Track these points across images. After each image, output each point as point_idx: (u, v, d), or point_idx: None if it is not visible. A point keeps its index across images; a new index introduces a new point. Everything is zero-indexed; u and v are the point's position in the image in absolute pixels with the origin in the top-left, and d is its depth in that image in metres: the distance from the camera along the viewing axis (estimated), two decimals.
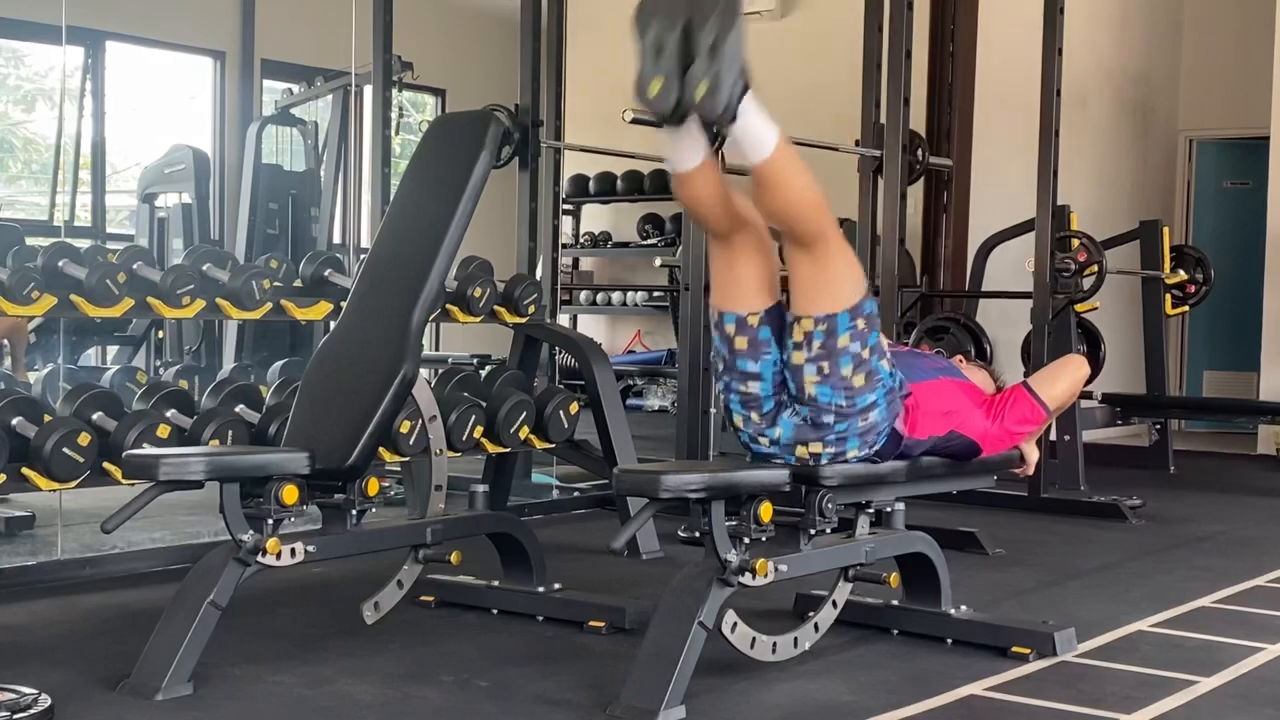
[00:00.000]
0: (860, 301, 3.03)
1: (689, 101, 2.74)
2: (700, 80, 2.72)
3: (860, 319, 3.02)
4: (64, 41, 6.33)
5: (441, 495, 3.75)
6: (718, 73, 2.71)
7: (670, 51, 2.75)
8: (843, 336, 3.02)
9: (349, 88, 8.03)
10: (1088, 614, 3.91)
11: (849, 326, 3.02)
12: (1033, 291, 5.92)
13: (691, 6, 2.74)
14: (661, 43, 2.76)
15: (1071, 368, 3.67)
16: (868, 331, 3.04)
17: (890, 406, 3.15)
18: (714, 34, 2.71)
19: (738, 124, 2.82)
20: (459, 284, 4.78)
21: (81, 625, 3.68)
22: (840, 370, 3.04)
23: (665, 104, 2.76)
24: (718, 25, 2.71)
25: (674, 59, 2.75)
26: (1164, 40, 10.15)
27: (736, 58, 2.73)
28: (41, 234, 7.00)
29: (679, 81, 2.74)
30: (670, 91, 2.75)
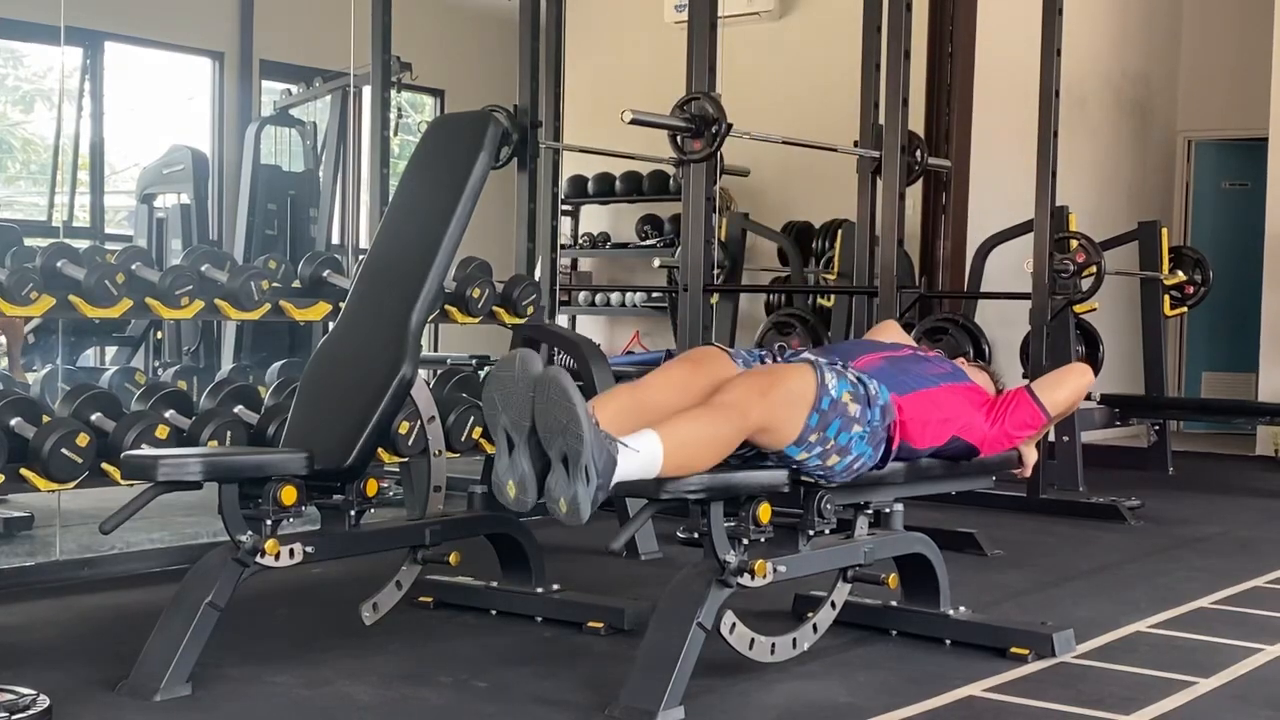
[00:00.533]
0: (803, 429, 3.01)
1: (552, 509, 2.72)
2: (559, 499, 2.70)
3: (811, 435, 3.03)
4: (63, 42, 6.31)
5: (440, 496, 3.75)
6: (575, 493, 2.67)
7: (521, 452, 2.74)
8: (799, 455, 3.06)
9: (348, 88, 8.03)
10: (1086, 615, 3.91)
11: (799, 449, 3.05)
12: (1031, 292, 5.92)
13: (536, 412, 2.70)
14: (512, 440, 2.75)
15: (1075, 375, 3.67)
16: (823, 430, 3.04)
17: (876, 444, 3.17)
18: (563, 449, 2.67)
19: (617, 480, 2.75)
20: (458, 285, 4.78)
21: (80, 626, 3.68)
22: (809, 466, 3.10)
23: (525, 506, 2.77)
24: (564, 439, 2.66)
25: (526, 461, 2.74)
26: (1163, 41, 10.15)
27: (594, 467, 2.66)
28: (40, 234, 6.99)
29: (536, 486, 2.73)
30: (528, 495, 2.74)
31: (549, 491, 2.72)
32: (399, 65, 6.55)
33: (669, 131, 5.24)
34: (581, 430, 2.65)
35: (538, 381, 2.72)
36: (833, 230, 8.40)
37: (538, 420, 2.71)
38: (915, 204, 8.09)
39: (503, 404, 2.76)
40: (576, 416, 2.65)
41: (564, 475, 2.69)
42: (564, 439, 2.67)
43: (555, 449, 2.69)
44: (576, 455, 2.66)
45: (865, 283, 6.16)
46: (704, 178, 5.58)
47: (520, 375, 2.74)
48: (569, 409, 2.66)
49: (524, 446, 2.74)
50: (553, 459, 2.70)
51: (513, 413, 2.75)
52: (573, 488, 2.68)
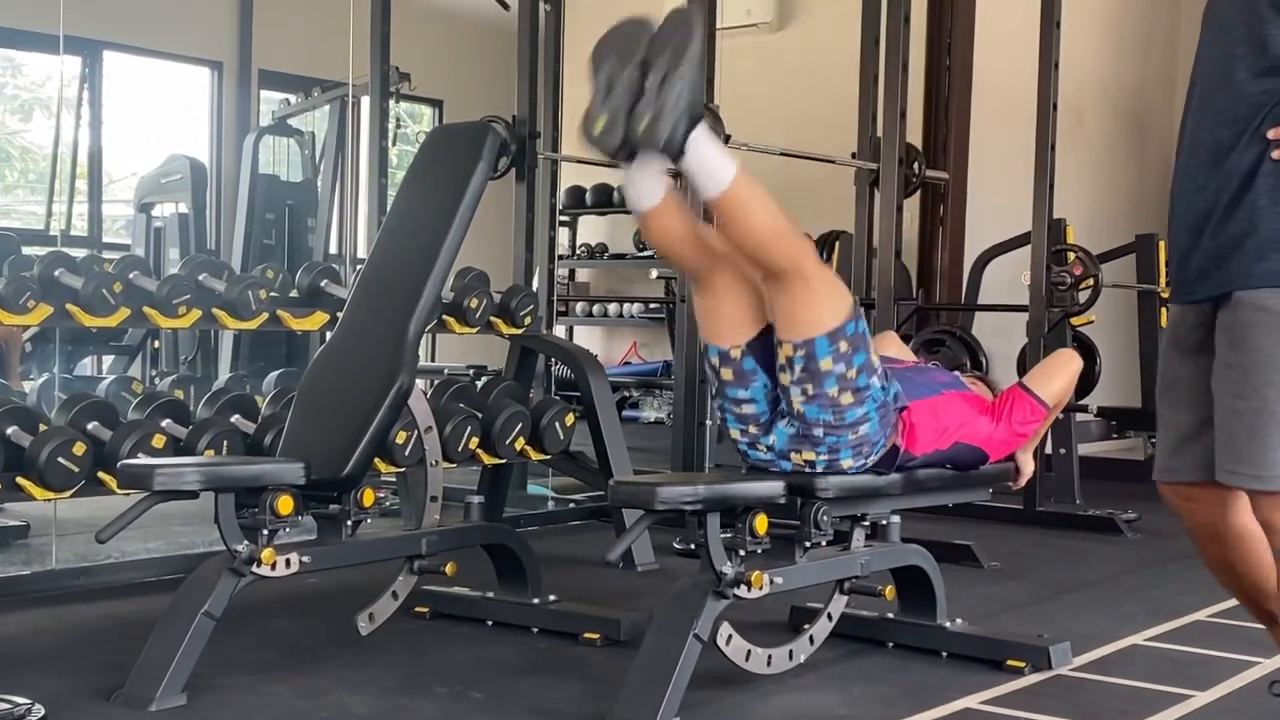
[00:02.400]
0: (840, 325, 2.99)
1: (633, 136, 2.71)
2: (644, 114, 2.69)
3: (842, 341, 2.99)
4: (61, 51, 6.32)
5: (437, 506, 3.75)
6: (662, 105, 2.68)
7: (620, 89, 2.72)
8: (824, 360, 3.00)
9: (346, 98, 8.03)
10: (1083, 627, 3.91)
11: (829, 350, 3.00)
12: (1029, 305, 5.93)
13: (647, 44, 2.71)
14: (613, 80, 2.73)
15: (1063, 362, 3.65)
16: (852, 352, 3.01)
17: (884, 419, 3.14)
18: (664, 70, 2.68)
19: (688, 158, 2.78)
20: (455, 295, 4.78)
21: (76, 635, 3.68)
22: (825, 390, 3.03)
23: (610, 141, 2.74)
24: (669, 61, 2.68)
25: (623, 96, 2.72)
26: (1159, 54, 10.17)
27: (686, 91, 2.69)
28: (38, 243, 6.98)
29: (625, 118, 2.71)
30: (616, 128, 2.72)
31: (637, 113, 2.70)
32: (397, 75, 6.56)
33: None
34: (695, 47, 2.68)
35: (669, 15, 2.73)
36: (830, 242, 8.40)
37: (654, 42, 2.71)
38: (913, 216, 8.10)
39: (614, 46, 2.76)
40: (696, 35, 2.68)
41: (656, 92, 2.68)
42: (674, 53, 2.68)
43: (661, 64, 2.69)
44: (677, 65, 2.67)
45: (863, 294, 6.16)
46: None
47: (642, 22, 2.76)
48: (689, 31, 2.69)
49: (627, 80, 2.72)
50: (652, 77, 2.70)
51: (623, 50, 2.74)
52: (661, 103, 2.68)
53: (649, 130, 2.68)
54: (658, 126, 2.68)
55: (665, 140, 2.70)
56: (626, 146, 2.76)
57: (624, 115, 2.71)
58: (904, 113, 5.53)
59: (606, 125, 2.72)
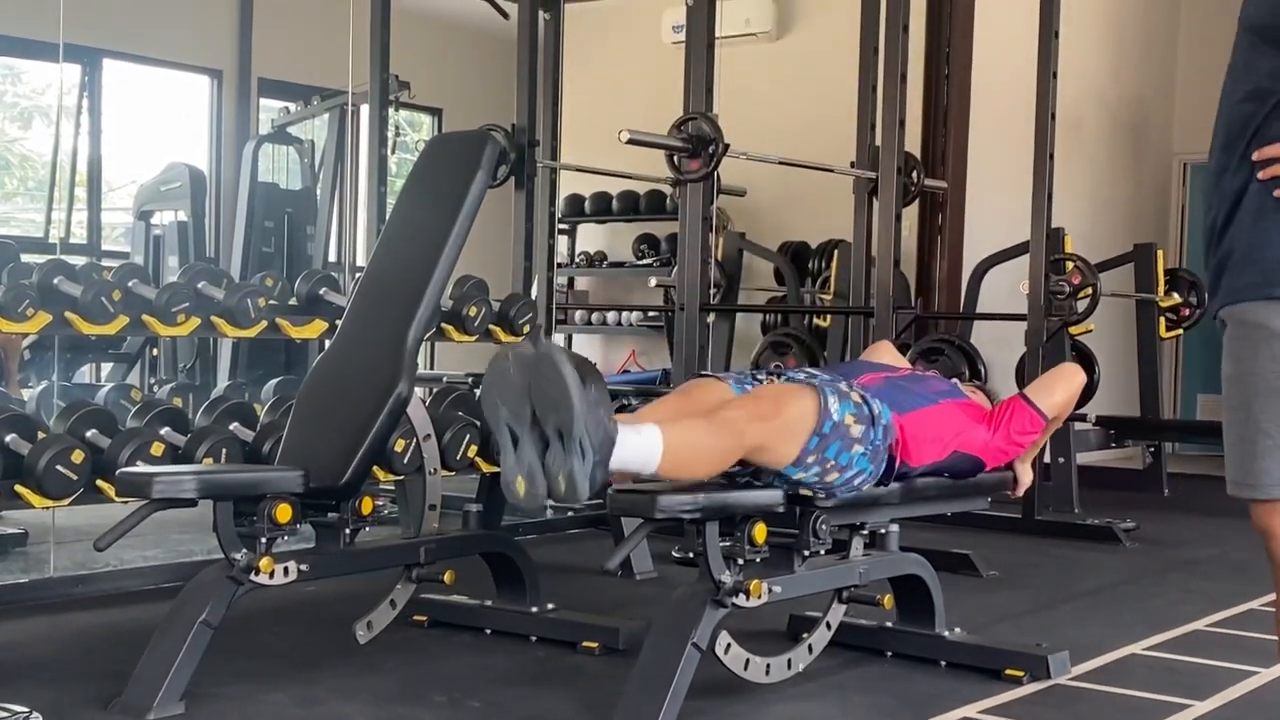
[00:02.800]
0: (801, 450, 3.01)
1: (555, 495, 2.69)
2: (556, 474, 2.66)
3: (809, 457, 3.03)
4: (61, 59, 6.32)
5: (435, 514, 3.75)
6: (572, 467, 2.64)
7: (526, 444, 2.70)
8: (797, 475, 3.06)
9: (346, 106, 8.04)
10: (1081, 637, 3.90)
11: (798, 470, 3.05)
12: (1027, 314, 5.93)
13: (532, 394, 2.67)
14: (515, 434, 2.71)
15: (1066, 375, 3.65)
16: (823, 452, 3.04)
17: (877, 461, 3.17)
18: (556, 423, 2.65)
19: (614, 466, 2.75)
20: (454, 303, 4.78)
21: (74, 643, 3.68)
22: (808, 483, 3.09)
23: (537, 502, 2.72)
24: (556, 414, 2.64)
25: (531, 451, 2.69)
26: (1158, 64, 10.19)
27: (588, 439, 2.65)
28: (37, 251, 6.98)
29: (543, 475, 2.69)
30: (537, 490, 2.69)
31: (548, 470, 2.67)
32: (397, 84, 6.57)
33: (666, 151, 5.25)
34: (573, 401, 2.62)
35: (531, 363, 2.69)
36: (829, 250, 8.42)
37: (534, 400, 2.68)
38: (911, 225, 8.10)
39: (501, 399, 2.72)
40: (567, 388, 2.63)
41: (560, 450, 2.66)
42: (557, 413, 2.64)
43: (551, 425, 2.66)
44: (569, 426, 2.63)
45: (861, 303, 6.16)
46: (701, 197, 5.59)
47: (514, 367, 2.71)
48: (560, 382, 2.63)
49: (527, 438, 2.70)
50: (550, 436, 2.67)
51: (511, 404, 2.71)
52: (569, 462, 2.64)
53: (570, 491, 2.66)
54: (575, 489, 2.66)
55: (588, 494, 2.68)
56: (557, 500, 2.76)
57: (540, 473, 2.69)
58: (903, 122, 5.53)
59: (528, 490, 2.71)
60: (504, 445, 2.74)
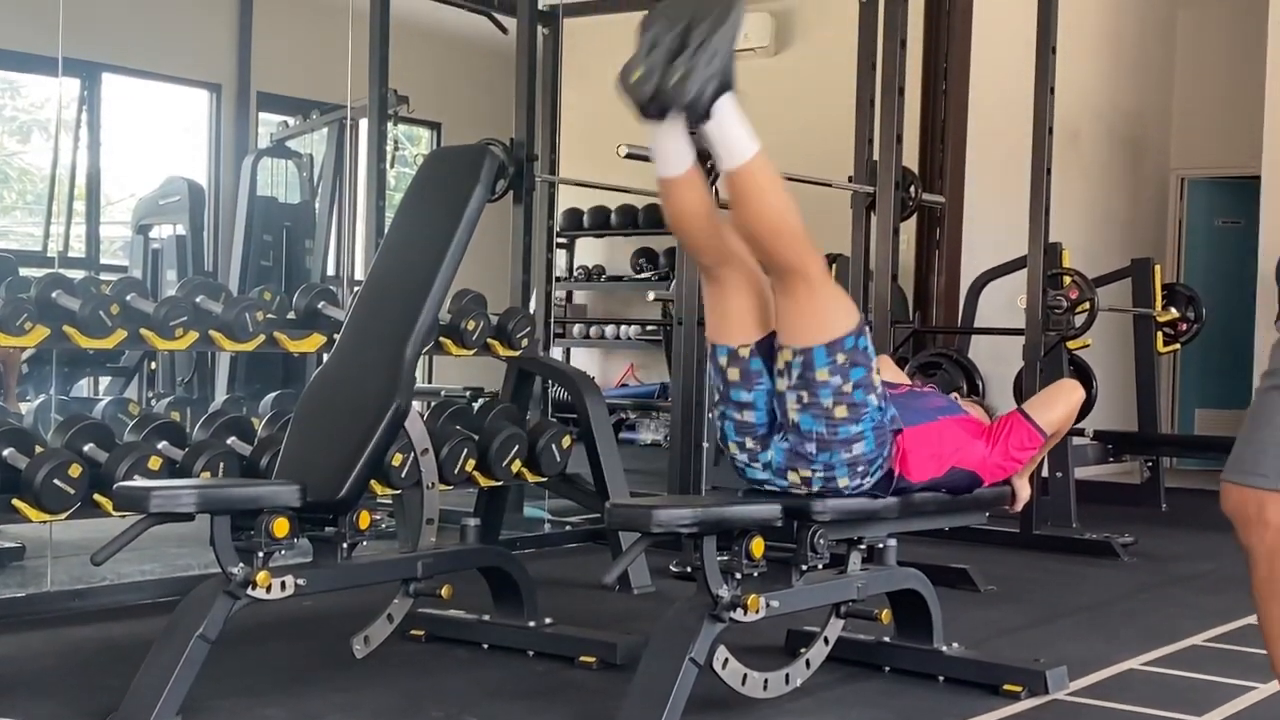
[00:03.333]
0: (841, 337, 3.01)
1: (664, 87, 2.78)
2: (678, 70, 2.77)
3: (840, 354, 3.00)
4: (60, 73, 6.34)
5: (433, 529, 3.75)
6: (694, 65, 2.77)
7: (662, 48, 2.80)
8: (820, 370, 3.00)
9: (345, 121, 8.04)
10: (1079, 652, 3.90)
11: (827, 361, 3.00)
12: (1025, 328, 5.94)
13: (694, 9, 2.80)
14: (657, 40, 2.81)
15: (1066, 392, 3.65)
16: (850, 366, 3.01)
17: (879, 440, 3.13)
18: (704, 34, 2.78)
19: (712, 123, 2.85)
20: (452, 317, 4.79)
21: (70, 657, 3.67)
22: (820, 401, 3.03)
23: (643, 90, 2.81)
24: (710, 26, 2.78)
25: (664, 54, 2.80)
26: (1155, 79, 10.21)
27: (720, 56, 2.79)
28: (35, 265, 6.99)
29: (661, 71, 2.79)
30: (650, 79, 2.79)
31: (672, 69, 2.77)
32: (396, 98, 6.58)
33: None
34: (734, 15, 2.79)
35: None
36: (828, 265, 8.42)
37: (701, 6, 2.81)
38: (909, 239, 8.12)
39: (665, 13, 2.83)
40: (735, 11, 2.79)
41: (691, 53, 2.77)
42: (713, 23, 2.78)
43: (701, 29, 2.78)
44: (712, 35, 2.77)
45: None
46: None
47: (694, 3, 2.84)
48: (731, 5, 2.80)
49: (666, 41, 2.80)
50: (690, 41, 2.78)
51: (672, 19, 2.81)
52: (694, 62, 2.76)
53: (680, 84, 2.77)
54: (688, 82, 2.77)
55: (693, 98, 2.79)
56: (657, 100, 2.82)
57: (660, 69, 2.79)
58: (900, 136, 5.54)
59: (643, 76, 2.80)
60: (641, 46, 2.83)
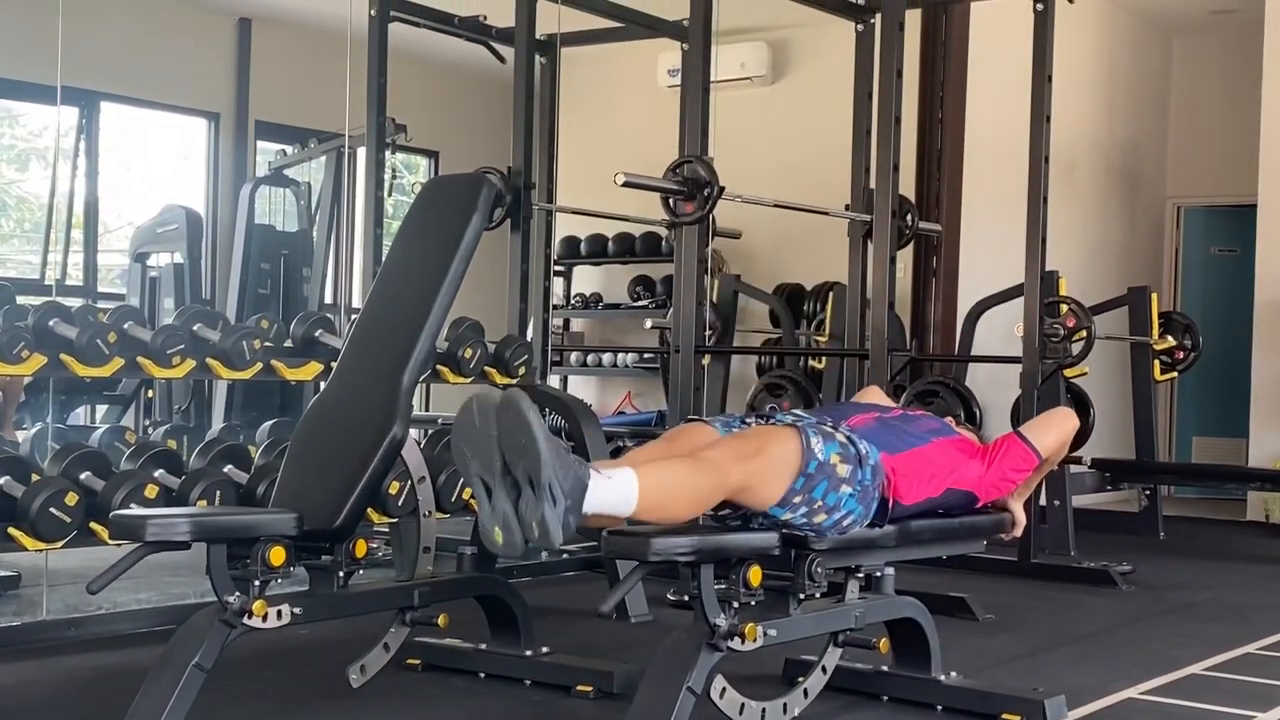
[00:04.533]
0: (787, 490, 3.02)
1: (533, 541, 2.70)
2: (529, 522, 2.67)
3: (795, 497, 3.03)
4: (59, 101, 6.37)
5: (430, 557, 3.73)
6: (542, 513, 2.65)
7: (499, 493, 2.70)
8: (783, 516, 3.05)
9: (343, 149, 8.07)
10: (1078, 681, 3.89)
11: (784, 510, 3.04)
12: (1022, 356, 5.94)
13: (500, 442, 2.69)
14: (488, 485, 2.72)
15: (1060, 418, 3.68)
16: (809, 493, 3.04)
17: (866, 502, 3.16)
18: (525, 470, 2.66)
19: (590, 516, 2.75)
20: (450, 344, 4.79)
21: (65, 686, 3.65)
22: (795, 524, 3.08)
23: (515, 550, 2.72)
24: (524, 461, 2.66)
25: (505, 500, 2.70)
26: (1151, 108, 10.25)
27: (558, 487, 2.66)
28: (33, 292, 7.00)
29: (518, 523, 2.69)
30: (514, 537, 2.70)
31: (521, 518, 2.68)
32: (393, 127, 6.60)
33: (661, 194, 5.28)
34: (539, 448, 2.63)
35: (497, 411, 2.69)
36: (824, 293, 8.44)
37: (504, 449, 2.68)
38: (906, 267, 8.12)
39: (470, 451, 2.73)
40: (533, 434, 2.63)
41: (531, 497, 2.66)
42: (525, 460, 2.65)
43: (520, 473, 2.67)
44: (537, 473, 2.63)
45: (856, 345, 6.17)
46: (696, 240, 5.61)
47: (481, 416, 2.72)
48: (525, 428, 2.64)
49: (500, 487, 2.70)
50: (520, 484, 2.68)
51: (481, 456, 2.71)
52: (539, 509, 2.65)
53: (544, 537, 2.67)
54: (549, 535, 2.66)
55: (561, 539, 2.69)
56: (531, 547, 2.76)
57: (515, 521, 2.70)
58: (897, 165, 5.56)
59: (506, 538, 2.71)
60: (479, 495, 2.74)
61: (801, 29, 9.12)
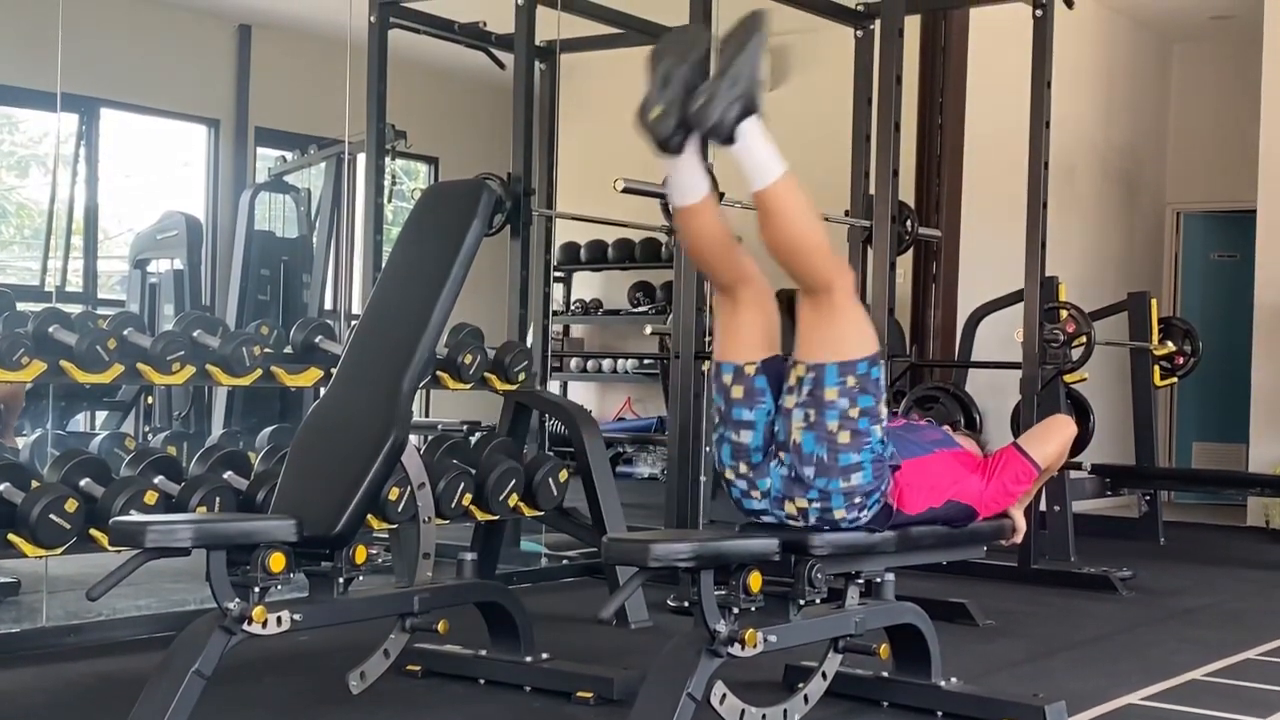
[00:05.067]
0: (855, 360, 3.03)
1: (687, 114, 2.76)
2: (700, 97, 2.76)
3: (851, 376, 3.02)
4: (59, 108, 6.37)
5: (430, 563, 3.73)
6: (717, 90, 2.75)
7: (677, 82, 2.78)
8: (830, 389, 3.02)
9: (342, 155, 8.07)
10: (1078, 686, 3.89)
11: (837, 381, 3.02)
12: (1021, 362, 5.94)
13: (709, 43, 2.80)
14: (670, 74, 2.79)
15: (1058, 427, 3.69)
16: (859, 391, 3.03)
17: (877, 474, 3.13)
18: (727, 59, 2.77)
19: (737, 145, 2.84)
20: (449, 350, 4.79)
21: (66, 693, 3.65)
22: (826, 422, 3.04)
23: (665, 126, 2.79)
24: (730, 53, 2.76)
25: (680, 88, 2.78)
26: (1150, 114, 10.26)
27: (743, 80, 2.76)
28: (33, 299, 7.00)
29: (680, 107, 2.77)
30: (670, 116, 2.77)
31: (693, 96, 2.76)
32: (393, 133, 6.60)
33: (661, 200, 5.27)
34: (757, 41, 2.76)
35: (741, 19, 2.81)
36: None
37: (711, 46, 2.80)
38: (906, 273, 8.13)
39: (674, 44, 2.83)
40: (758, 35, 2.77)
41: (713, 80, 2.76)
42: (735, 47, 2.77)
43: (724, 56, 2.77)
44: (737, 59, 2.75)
45: None
46: None
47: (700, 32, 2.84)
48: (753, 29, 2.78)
49: (680, 73, 2.78)
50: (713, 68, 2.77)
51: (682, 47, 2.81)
52: (716, 86, 2.75)
53: (703, 110, 2.75)
54: (711, 106, 2.75)
55: (717, 121, 2.76)
56: (679, 131, 2.81)
57: (679, 106, 2.78)
58: (896, 171, 5.56)
59: (662, 113, 2.78)
60: (653, 82, 2.81)
61: (801, 35, 9.10)
